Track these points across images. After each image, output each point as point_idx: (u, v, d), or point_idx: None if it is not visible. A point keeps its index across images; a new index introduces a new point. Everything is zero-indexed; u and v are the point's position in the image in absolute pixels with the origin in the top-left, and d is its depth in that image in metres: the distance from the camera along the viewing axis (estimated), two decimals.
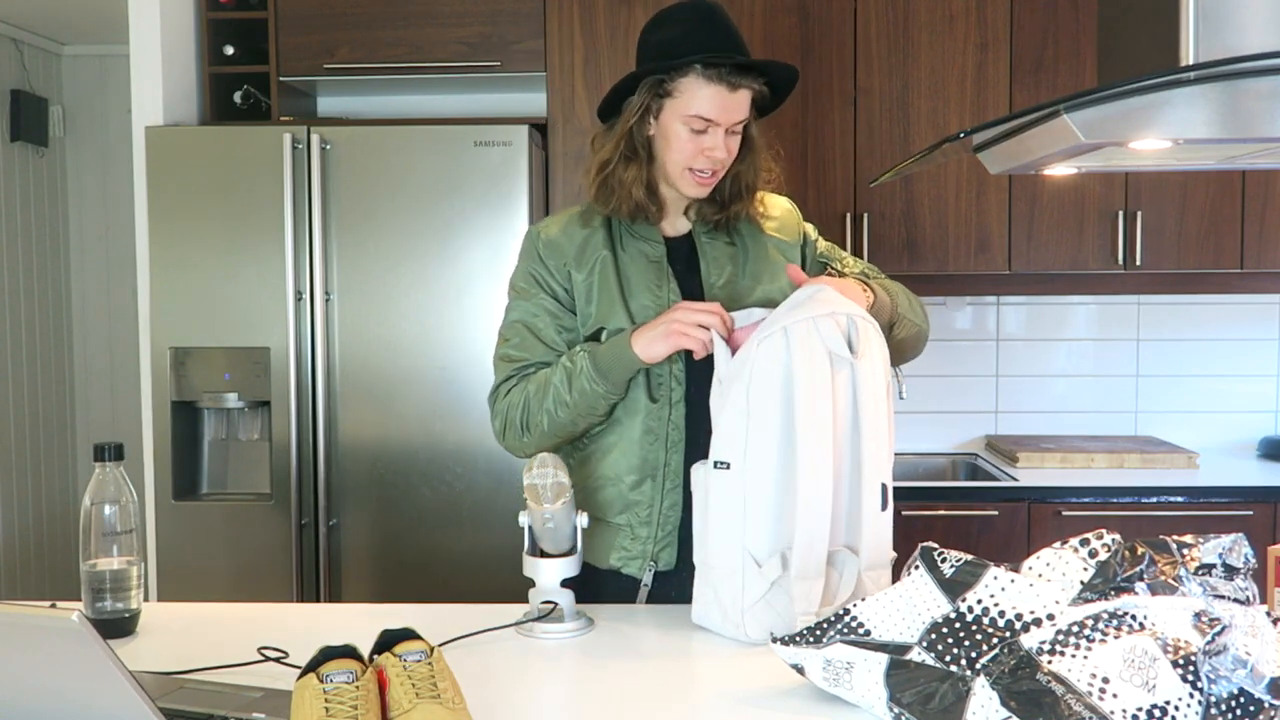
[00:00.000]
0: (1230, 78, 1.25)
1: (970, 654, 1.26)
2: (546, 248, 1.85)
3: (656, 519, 1.81)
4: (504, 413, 1.82)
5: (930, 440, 3.58)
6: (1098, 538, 1.34)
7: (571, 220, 1.88)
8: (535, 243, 1.87)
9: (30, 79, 4.36)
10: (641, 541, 1.81)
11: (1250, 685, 1.18)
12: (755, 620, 1.57)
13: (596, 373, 1.72)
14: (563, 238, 1.85)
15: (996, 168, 1.64)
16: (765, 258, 1.87)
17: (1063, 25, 3.19)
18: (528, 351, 1.83)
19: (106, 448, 1.60)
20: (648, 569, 1.82)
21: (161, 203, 2.98)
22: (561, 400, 1.75)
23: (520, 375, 1.83)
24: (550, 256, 1.85)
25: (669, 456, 1.80)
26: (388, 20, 3.21)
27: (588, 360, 1.73)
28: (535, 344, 1.83)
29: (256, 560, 2.98)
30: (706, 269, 1.85)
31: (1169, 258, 3.21)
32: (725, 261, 1.86)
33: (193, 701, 1.31)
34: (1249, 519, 2.92)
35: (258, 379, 2.98)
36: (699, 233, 1.88)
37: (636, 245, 1.85)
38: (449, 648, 1.52)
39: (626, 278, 1.83)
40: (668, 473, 1.80)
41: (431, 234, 2.94)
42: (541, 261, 1.85)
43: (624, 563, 1.83)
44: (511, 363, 1.84)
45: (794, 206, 1.97)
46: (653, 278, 1.83)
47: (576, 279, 1.83)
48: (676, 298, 1.82)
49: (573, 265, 1.84)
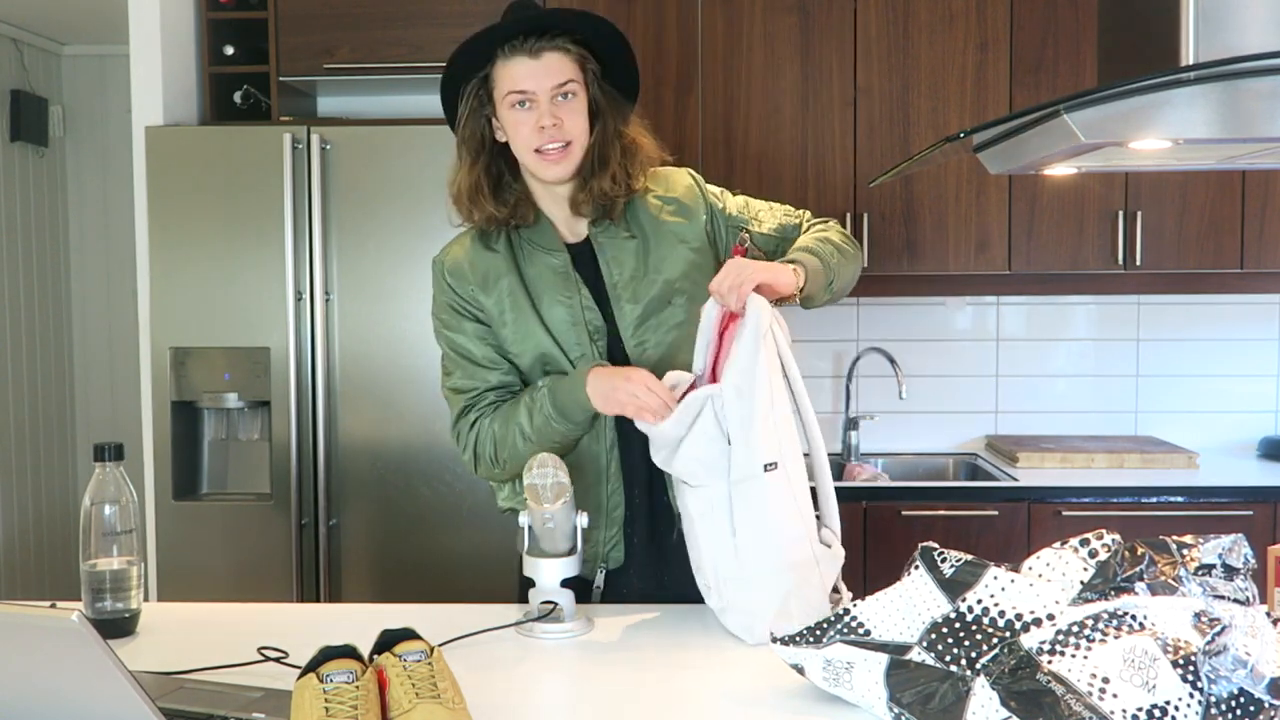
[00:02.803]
0: (1230, 78, 1.25)
1: (970, 654, 1.26)
2: (452, 276, 1.84)
3: (604, 521, 1.81)
4: (471, 447, 1.83)
5: (930, 440, 3.58)
6: (1098, 538, 1.34)
7: (473, 244, 1.86)
8: (441, 273, 1.86)
9: (30, 79, 4.36)
10: (593, 544, 1.82)
11: (1250, 685, 1.18)
12: (822, 610, 1.60)
13: (556, 412, 1.73)
14: (465, 264, 1.84)
15: (996, 168, 1.64)
16: (665, 245, 1.84)
17: (1063, 25, 3.18)
18: (473, 379, 1.83)
19: (106, 448, 1.60)
20: (599, 569, 1.83)
21: (161, 203, 2.98)
22: (526, 435, 1.75)
23: (475, 407, 1.82)
24: (458, 284, 1.84)
25: (609, 459, 1.80)
26: (388, 20, 3.21)
27: (548, 399, 1.73)
28: (476, 369, 1.83)
29: (256, 560, 2.98)
30: (607, 268, 1.82)
31: (1169, 258, 3.21)
32: (626, 257, 1.83)
33: (193, 701, 1.31)
34: (1249, 519, 2.91)
35: (258, 379, 2.98)
36: (595, 233, 1.84)
37: (540, 258, 1.83)
38: (449, 648, 1.52)
39: (537, 293, 1.81)
40: (609, 474, 1.81)
41: (431, 234, 2.93)
42: (452, 290, 1.84)
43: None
44: (462, 394, 1.84)
45: (695, 179, 1.92)
46: (561, 287, 1.81)
47: (486, 303, 1.82)
48: (589, 303, 1.80)
49: (479, 291, 1.82)
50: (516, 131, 1.77)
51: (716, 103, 3.24)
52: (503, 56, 1.76)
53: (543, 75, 1.74)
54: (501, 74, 1.76)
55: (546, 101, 1.75)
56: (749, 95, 3.24)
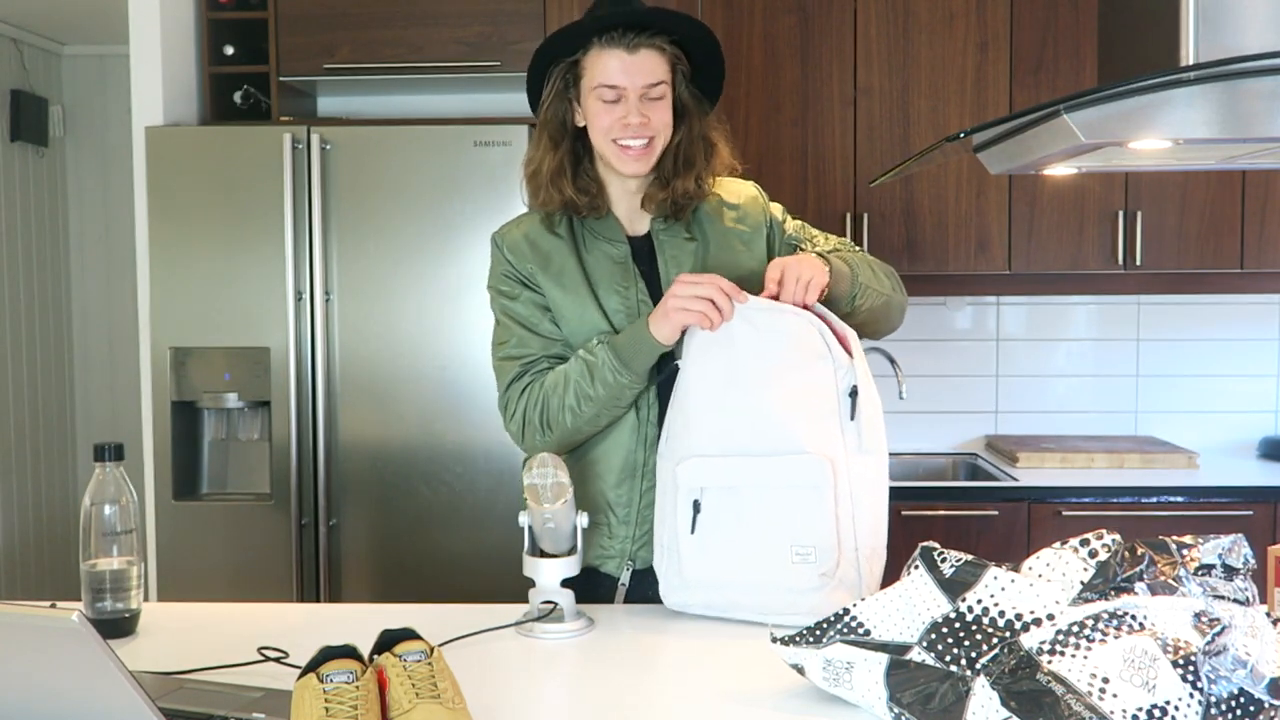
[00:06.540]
0: (1230, 78, 1.25)
1: (970, 654, 1.26)
2: (512, 252, 1.84)
3: (635, 518, 1.81)
4: (521, 412, 1.79)
5: (930, 440, 3.58)
6: (1098, 538, 1.34)
7: (534, 225, 1.86)
8: (501, 248, 1.86)
9: (30, 79, 4.36)
10: (620, 541, 1.81)
11: (1250, 685, 1.18)
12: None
13: (619, 363, 1.70)
14: (525, 243, 1.84)
15: (996, 168, 1.64)
16: (726, 250, 1.85)
17: (1063, 25, 3.19)
18: (528, 347, 1.82)
19: (106, 448, 1.60)
20: (625, 568, 1.82)
21: (161, 203, 2.98)
22: (585, 394, 1.73)
23: (529, 372, 1.81)
24: (517, 260, 1.84)
25: (648, 455, 1.80)
26: (388, 20, 3.21)
27: (608, 352, 1.71)
28: (533, 338, 1.82)
29: (256, 560, 2.98)
30: (665, 266, 1.83)
31: (1169, 258, 3.21)
32: (684, 257, 1.84)
33: (193, 701, 1.31)
34: (1249, 519, 2.91)
35: (258, 379, 2.98)
36: (657, 230, 1.86)
37: (600, 246, 1.84)
38: (449, 648, 1.52)
39: (595, 280, 1.81)
40: (645, 472, 1.80)
41: (431, 234, 2.94)
42: (510, 264, 1.84)
43: (601, 561, 1.83)
44: (515, 360, 1.82)
45: (759, 191, 1.94)
46: (619, 278, 1.82)
47: (544, 283, 1.82)
48: (644, 297, 1.80)
49: (538, 270, 1.82)
50: (597, 122, 1.77)
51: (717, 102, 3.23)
52: (598, 46, 1.75)
53: (636, 72, 1.75)
54: (595, 64, 1.76)
55: (635, 98, 1.75)
56: (749, 95, 3.24)
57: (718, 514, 1.64)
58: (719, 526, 1.64)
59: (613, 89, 1.75)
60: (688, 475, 1.66)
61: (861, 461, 1.63)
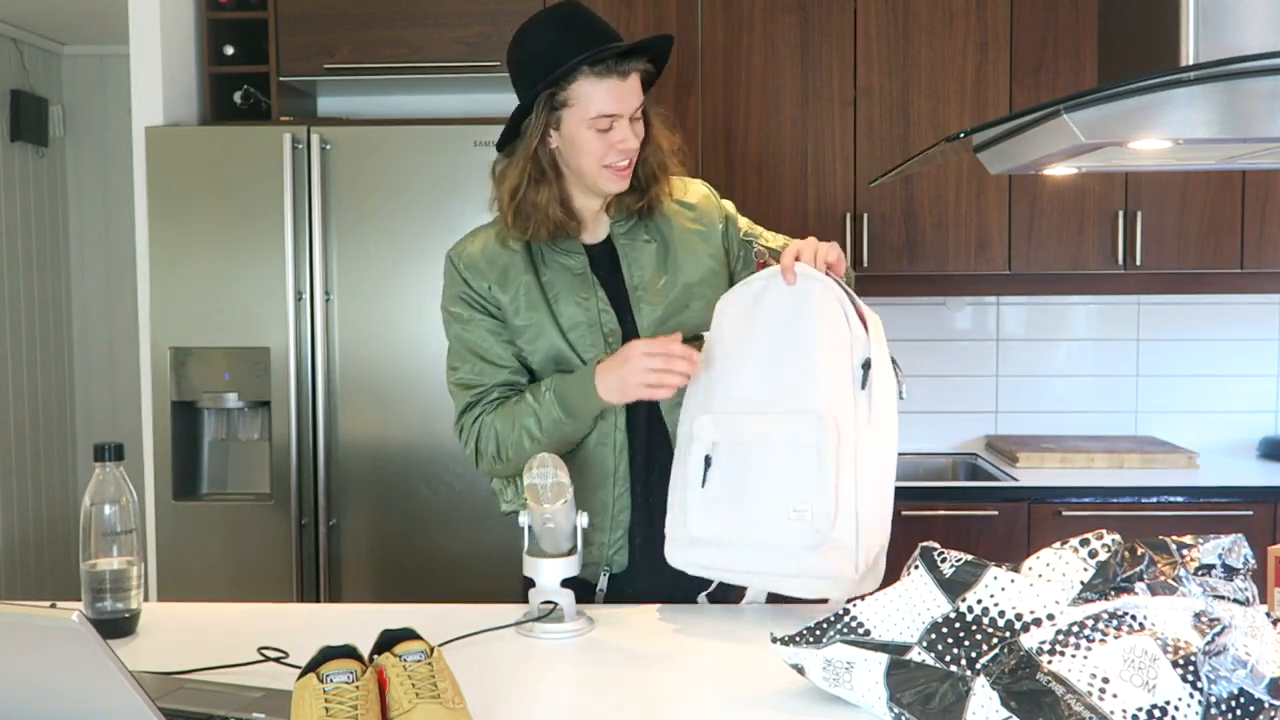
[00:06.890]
0: (1230, 78, 1.25)
1: (970, 654, 1.26)
2: (469, 270, 1.84)
3: (609, 524, 1.82)
4: (474, 444, 1.82)
5: (930, 440, 3.58)
6: (1098, 538, 1.34)
7: (490, 240, 1.85)
8: (457, 267, 1.85)
9: (30, 79, 4.36)
10: (596, 547, 1.82)
11: (1250, 685, 1.18)
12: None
13: (564, 413, 1.73)
14: (481, 260, 1.83)
15: (996, 168, 1.64)
16: (686, 249, 1.86)
17: (1063, 25, 3.19)
18: (481, 375, 1.83)
19: (106, 448, 1.60)
20: (603, 573, 1.83)
21: (161, 203, 2.98)
22: (533, 436, 1.75)
23: (481, 402, 1.82)
24: (474, 279, 1.83)
25: (617, 462, 1.81)
26: (388, 20, 3.21)
27: (555, 401, 1.73)
28: (485, 366, 1.82)
29: (256, 560, 2.98)
30: (628, 270, 1.83)
31: (1169, 258, 3.21)
32: (646, 259, 1.84)
33: (193, 701, 1.31)
34: (1249, 519, 2.91)
35: (258, 379, 2.98)
36: (617, 235, 1.85)
37: (558, 260, 1.83)
38: (449, 648, 1.52)
39: (553, 294, 1.81)
40: (617, 478, 1.81)
41: (431, 234, 2.94)
42: (466, 284, 1.84)
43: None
44: (468, 389, 1.83)
45: (710, 189, 1.95)
46: (578, 289, 1.81)
47: (503, 299, 1.82)
48: (605, 306, 1.81)
49: (497, 287, 1.82)
50: (591, 150, 1.75)
51: (716, 103, 3.24)
52: (591, 75, 1.72)
53: (631, 97, 1.75)
54: (588, 93, 1.72)
55: (627, 121, 1.75)
56: (749, 95, 3.24)
57: (727, 469, 1.66)
58: (727, 483, 1.66)
59: (609, 118, 1.74)
60: (702, 430, 1.68)
61: (870, 434, 1.63)
